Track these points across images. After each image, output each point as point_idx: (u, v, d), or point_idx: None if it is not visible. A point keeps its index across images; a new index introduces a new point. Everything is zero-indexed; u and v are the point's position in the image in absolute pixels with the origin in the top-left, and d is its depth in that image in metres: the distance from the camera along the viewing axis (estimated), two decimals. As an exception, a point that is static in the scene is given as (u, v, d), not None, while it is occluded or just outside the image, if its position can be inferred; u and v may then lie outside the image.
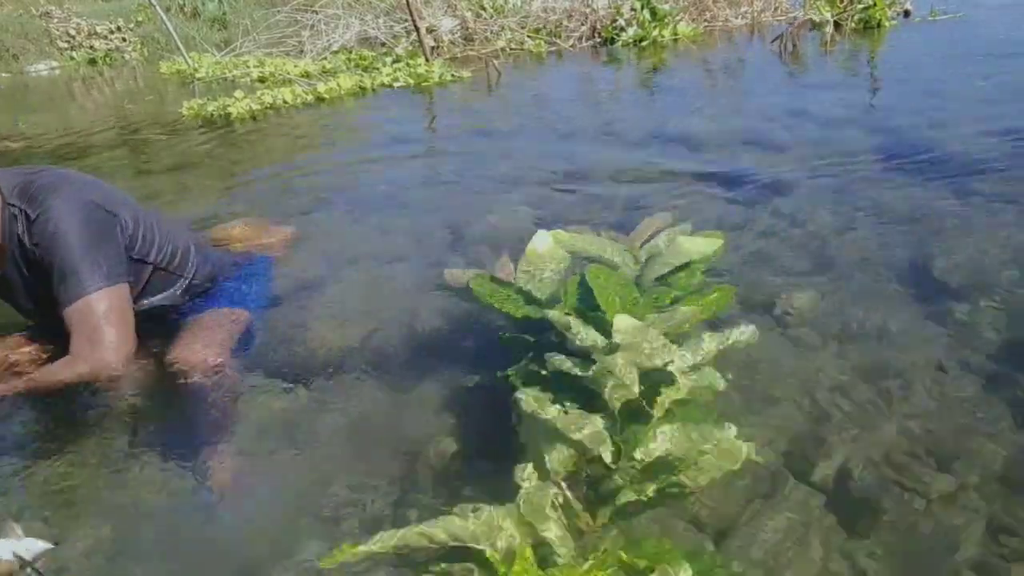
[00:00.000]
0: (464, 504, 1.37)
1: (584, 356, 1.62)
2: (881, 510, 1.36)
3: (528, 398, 1.51)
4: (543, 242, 2.07)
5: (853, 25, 6.33)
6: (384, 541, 1.22)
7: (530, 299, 1.87)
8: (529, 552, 1.17)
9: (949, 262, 2.15)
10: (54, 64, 10.93)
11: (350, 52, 7.90)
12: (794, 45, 5.84)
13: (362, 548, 1.20)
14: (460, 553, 1.29)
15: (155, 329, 1.87)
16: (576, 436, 1.44)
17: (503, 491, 1.39)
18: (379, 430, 1.71)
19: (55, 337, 1.74)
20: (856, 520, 1.35)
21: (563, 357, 1.59)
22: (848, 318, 1.96)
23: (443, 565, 1.30)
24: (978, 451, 1.47)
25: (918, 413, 1.60)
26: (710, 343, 1.66)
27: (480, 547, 1.25)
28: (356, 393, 1.84)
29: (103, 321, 1.62)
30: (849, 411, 1.63)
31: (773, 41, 6.07)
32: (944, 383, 1.68)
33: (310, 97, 6.01)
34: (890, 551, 1.25)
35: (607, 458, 1.41)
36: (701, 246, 2.05)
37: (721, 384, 1.63)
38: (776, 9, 7.53)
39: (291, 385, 1.87)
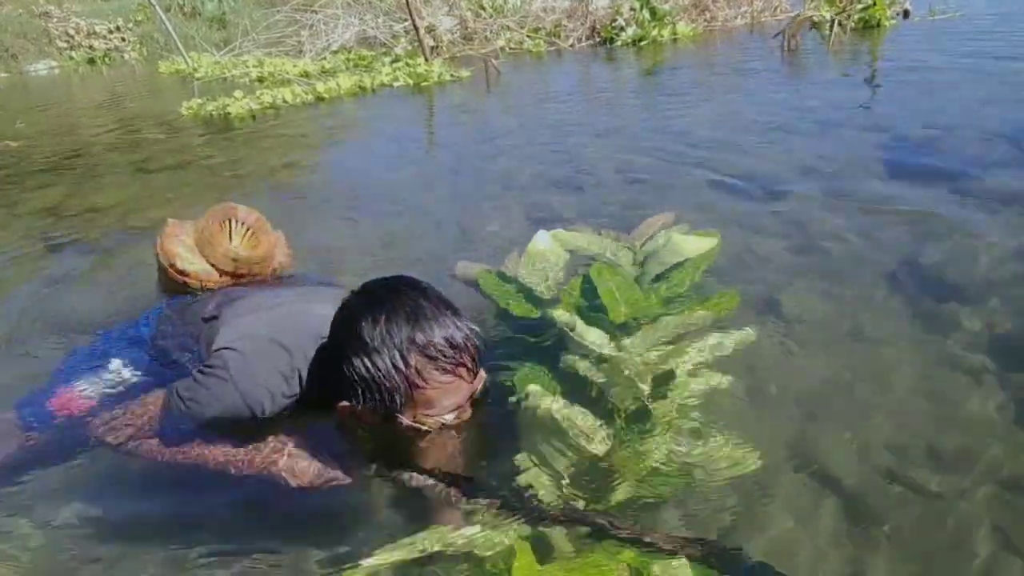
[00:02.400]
0: (464, 504, 1.37)
1: (586, 356, 1.62)
2: (882, 510, 1.36)
3: (531, 397, 1.51)
4: (543, 241, 2.08)
5: (853, 24, 6.33)
6: (384, 558, 1.21)
7: (532, 298, 1.87)
8: (528, 548, 1.17)
9: (948, 262, 2.15)
10: (53, 64, 10.93)
11: (349, 52, 7.91)
12: (792, 42, 5.84)
13: (363, 570, 1.20)
14: (458, 554, 1.29)
15: None
16: (577, 435, 1.44)
17: (502, 490, 1.39)
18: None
19: None
20: (856, 520, 1.34)
21: (575, 357, 1.60)
22: (848, 318, 1.96)
23: (442, 566, 1.30)
24: (979, 451, 1.47)
25: (919, 413, 1.60)
26: (713, 345, 1.66)
27: (480, 552, 1.25)
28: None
29: None
30: (849, 411, 1.62)
31: (775, 36, 6.08)
32: (944, 382, 1.68)
33: (309, 97, 6.01)
34: (891, 551, 1.25)
35: (600, 453, 1.41)
36: (697, 244, 2.05)
37: (725, 385, 1.63)
38: (776, 9, 7.54)
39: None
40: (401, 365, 1.18)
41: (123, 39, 11.42)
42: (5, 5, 12.05)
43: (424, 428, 1.24)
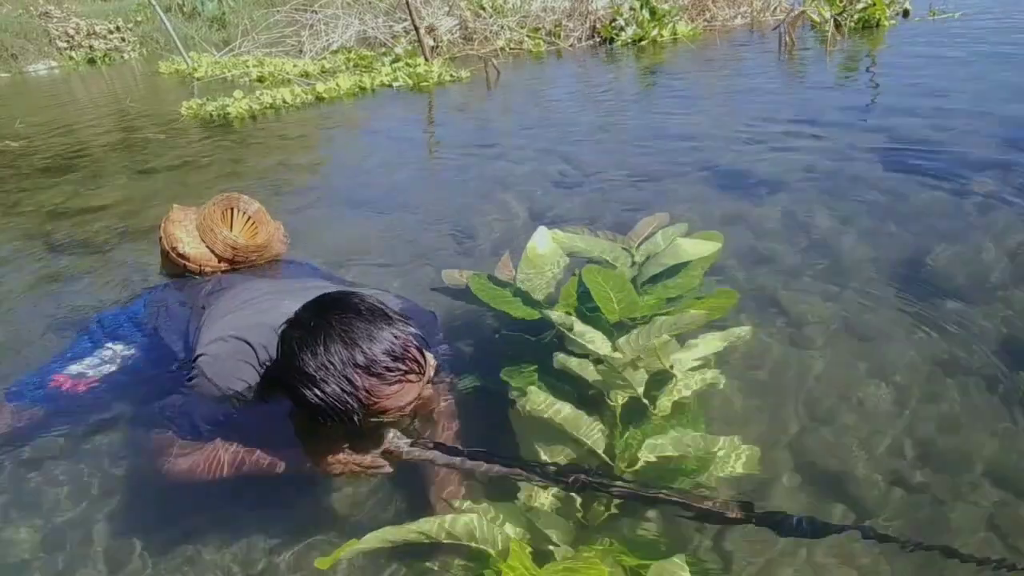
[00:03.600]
0: (462, 501, 1.38)
1: (584, 356, 1.63)
2: (881, 510, 1.36)
3: (528, 396, 1.51)
4: (543, 241, 2.06)
5: (852, 24, 6.32)
6: (380, 538, 1.22)
7: (529, 299, 1.87)
8: (524, 547, 1.17)
9: (948, 262, 2.15)
10: (53, 64, 10.93)
11: (349, 52, 7.91)
12: (790, 39, 5.84)
13: (359, 546, 1.21)
14: (458, 550, 1.29)
15: None
16: (575, 434, 1.44)
17: (503, 489, 1.40)
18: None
19: None
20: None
21: (570, 356, 1.60)
22: (848, 318, 1.96)
23: (440, 562, 1.30)
24: (978, 450, 1.48)
25: (917, 412, 1.60)
26: (711, 343, 1.66)
27: (478, 545, 1.25)
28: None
29: None
30: (848, 411, 1.63)
31: (774, 29, 6.08)
32: (943, 382, 1.68)
33: (309, 97, 6.01)
34: (890, 550, 1.25)
35: (600, 451, 1.42)
36: (700, 247, 2.04)
37: (722, 384, 1.63)
38: (775, 9, 7.53)
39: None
40: (350, 388, 1.21)
41: (123, 39, 11.42)
42: (5, 5, 12.05)
43: (386, 421, 1.31)
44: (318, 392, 1.21)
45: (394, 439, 1.33)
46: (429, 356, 1.34)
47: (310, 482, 1.55)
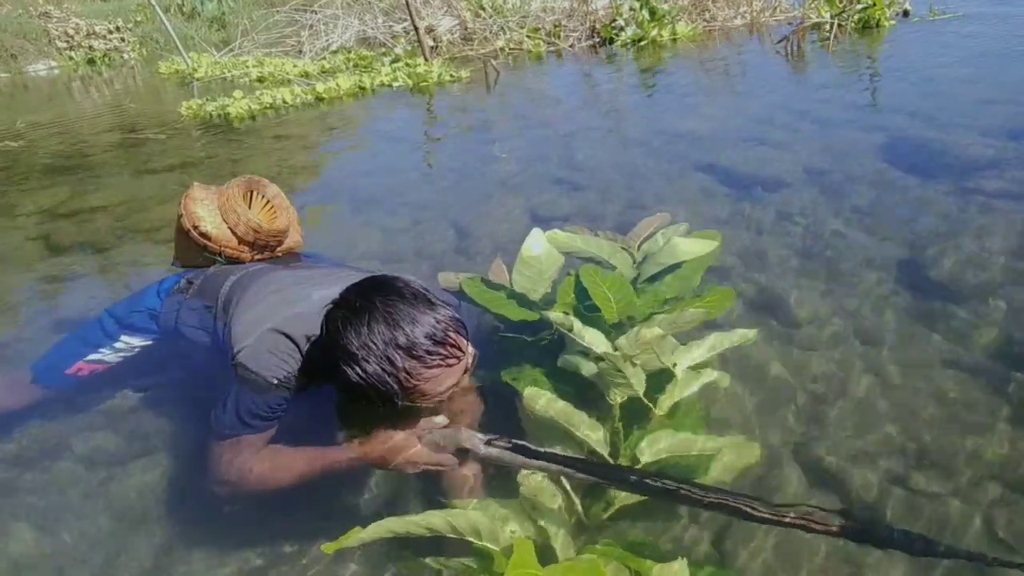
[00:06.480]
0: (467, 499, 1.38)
1: (585, 355, 1.63)
2: (880, 509, 1.37)
3: (529, 396, 1.52)
4: (537, 243, 2.06)
5: (852, 25, 6.32)
6: (385, 528, 1.23)
7: (525, 301, 1.87)
8: (529, 545, 1.18)
9: (948, 262, 2.16)
10: (53, 64, 10.93)
11: (349, 52, 7.90)
12: (798, 46, 5.85)
13: (363, 535, 1.21)
14: (460, 547, 1.29)
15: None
16: (577, 433, 1.45)
17: (504, 488, 1.40)
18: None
19: None
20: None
21: (574, 356, 1.60)
22: (847, 318, 1.96)
23: (442, 559, 1.31)
24: (977, 450, 1.48)
25: (918, 413, 1.61)
26: (712, 343, 1.66)
27: (481, 542, 1.26)
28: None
29: None
30: (849, 411, 1.63)
31: (779, 42, 6.07)
32: (943, 382, 1.68)
33: (309, 97, 6.01)
34: (891, 551, 1.25)
35: (604, 454, 1.42)
36: (698, 246, 2.05)
37: (723, 384, 1.63)
38: (776, 9, 7.53)
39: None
40: (391, 368, 1.24)
41: (123, 39, 11.41)
42: (5, 5, 12.05)
43: (423, 406, 1.32)
44: (359, 370, 1.24)
45: (471, 437, 1.31)
46: (470, 345, 1.36)
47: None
